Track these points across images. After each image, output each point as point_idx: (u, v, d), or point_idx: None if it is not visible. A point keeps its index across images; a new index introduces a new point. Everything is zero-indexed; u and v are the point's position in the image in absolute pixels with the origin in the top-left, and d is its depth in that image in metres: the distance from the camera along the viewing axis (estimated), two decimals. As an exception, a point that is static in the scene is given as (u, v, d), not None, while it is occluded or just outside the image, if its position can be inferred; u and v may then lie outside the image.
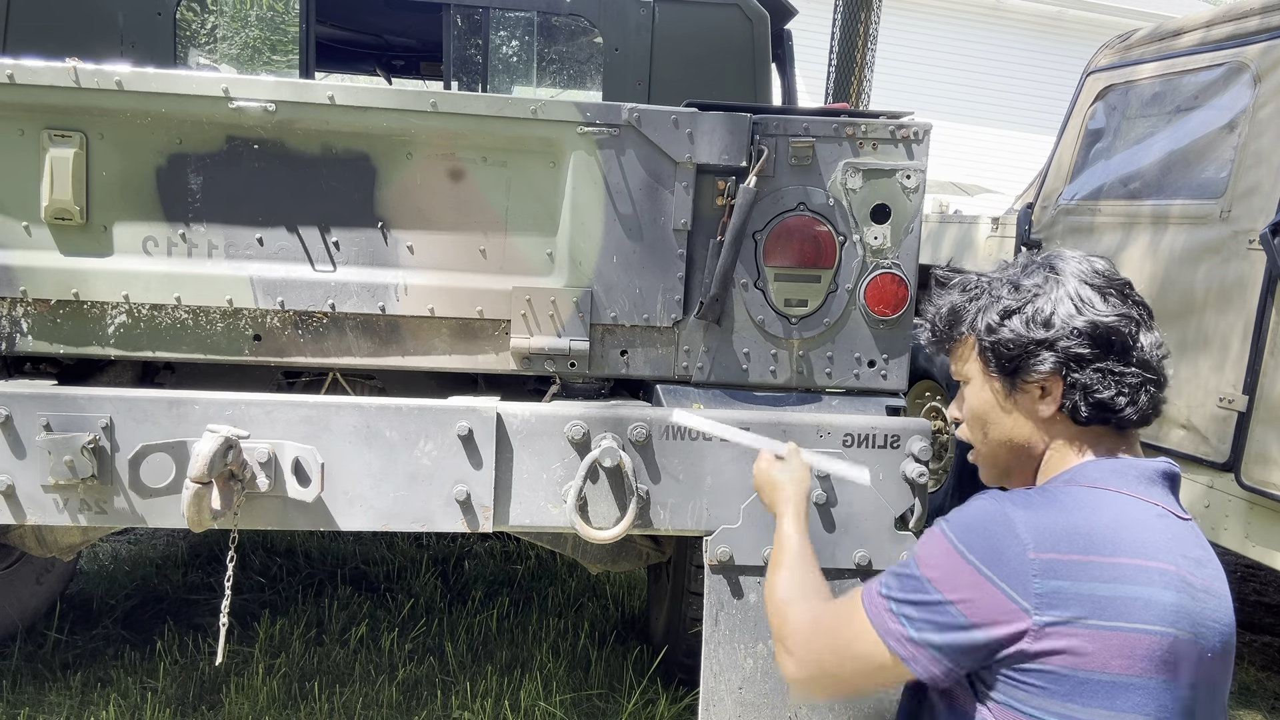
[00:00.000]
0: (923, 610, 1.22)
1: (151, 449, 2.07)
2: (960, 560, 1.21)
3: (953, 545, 1.23)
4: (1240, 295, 3.20)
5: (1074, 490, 1.27)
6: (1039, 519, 1.20)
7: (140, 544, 4.36)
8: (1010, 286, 1.35)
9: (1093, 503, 1.24)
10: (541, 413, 2.20)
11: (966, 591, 1.19)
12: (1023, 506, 1.22)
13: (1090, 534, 1.19)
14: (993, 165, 14.37)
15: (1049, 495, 1.26)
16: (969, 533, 1.23)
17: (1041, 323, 1.31)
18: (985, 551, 1.20)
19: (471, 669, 3.33)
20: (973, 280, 1.42)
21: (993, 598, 1.18)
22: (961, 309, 1.40)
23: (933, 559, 1.24)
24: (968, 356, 1.40)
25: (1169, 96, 3.79)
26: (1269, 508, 3.09)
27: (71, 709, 2.96)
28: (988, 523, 1.22)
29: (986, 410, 1.39)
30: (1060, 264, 1.36)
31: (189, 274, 2.23)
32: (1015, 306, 1.33)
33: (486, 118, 2.21)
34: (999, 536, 1.20)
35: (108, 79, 2.11)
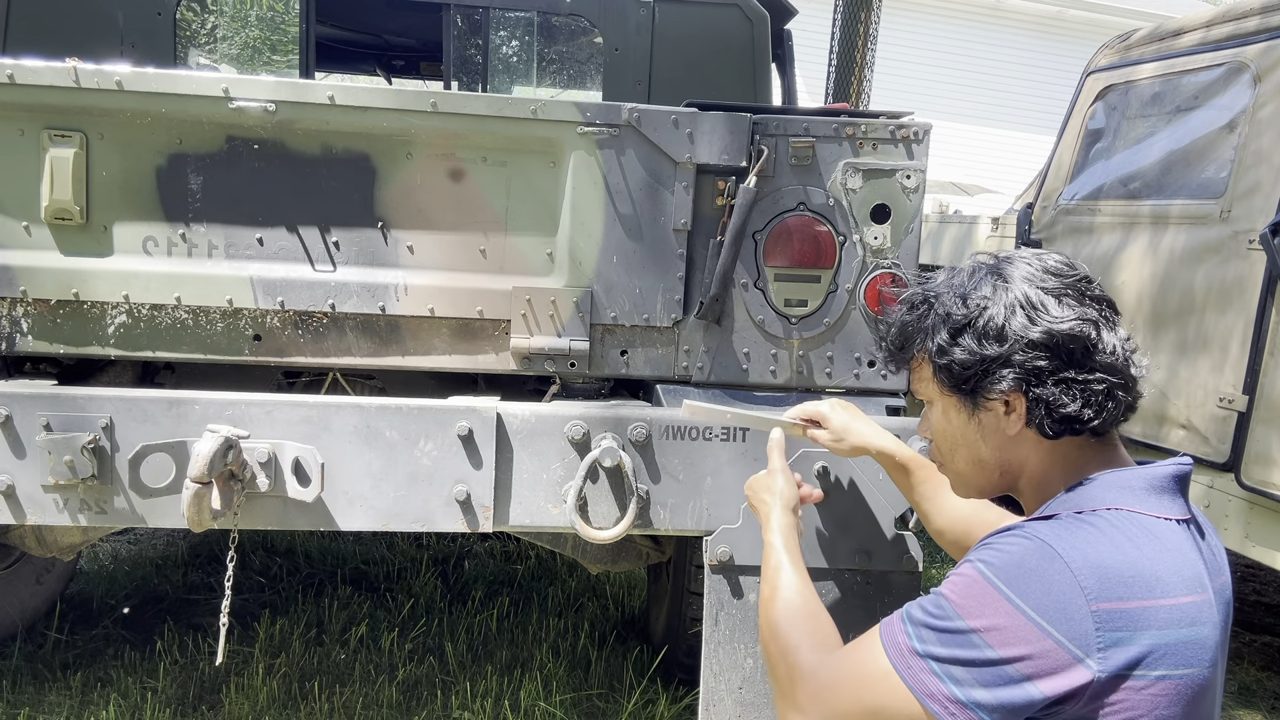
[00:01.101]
0: (973, 670, 1.10)
1: (151, 449, 2.07)
2: (1014, 611, 1.10)
3: (1002, 594, 1.11)
4: (1240, 295, 3.20)
5: (1107, 518, 1.17)
6: (1092, 561, 1.11)
7: (140, 544, 4.36)
8: (958, 300, 1.28)
9: (1130, 534, 1.15)
10: (541, 413, 2.20)
11: (1023, 647, 1.08)
12: (1070, 546, 1.12)
13: (1142, 575, 1.12)
14: (993, 165, 14.37)
15: (1085, 527, 1.16)
16: (1021, 580, 1.11)
17: (994, 337, 1.24)
18: (1043, 603, 1.09)
19: (471, 669, 3.33)
20: (919, 296, 1.34)
21: (1053, 653, 1.08)
22: (911, 329, 1.33)
23: (980, 609, 1.11)
24: (926, 376, 1.34)
25: (1169, 96, 3.79)
26: (1269, 508, 3.09)
27: (71, 709, 2.96)
28: (1042, 570, 1.11)
29: (952, 432, 1.33)
30: (1008, 268, 1.28)
31: (189, 274, 2.23)
32: (964, 322, 1.26)
33: (486, 118, 2.21)
34: (1056, 586, 1.09)
35: (108, 79, 2.11)
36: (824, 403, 1.90)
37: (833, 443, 1.90)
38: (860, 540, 2.23)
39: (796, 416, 1.94)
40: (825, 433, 1.90)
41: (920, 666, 1.13)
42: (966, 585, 1.14)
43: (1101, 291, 1.29)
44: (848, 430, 1.87)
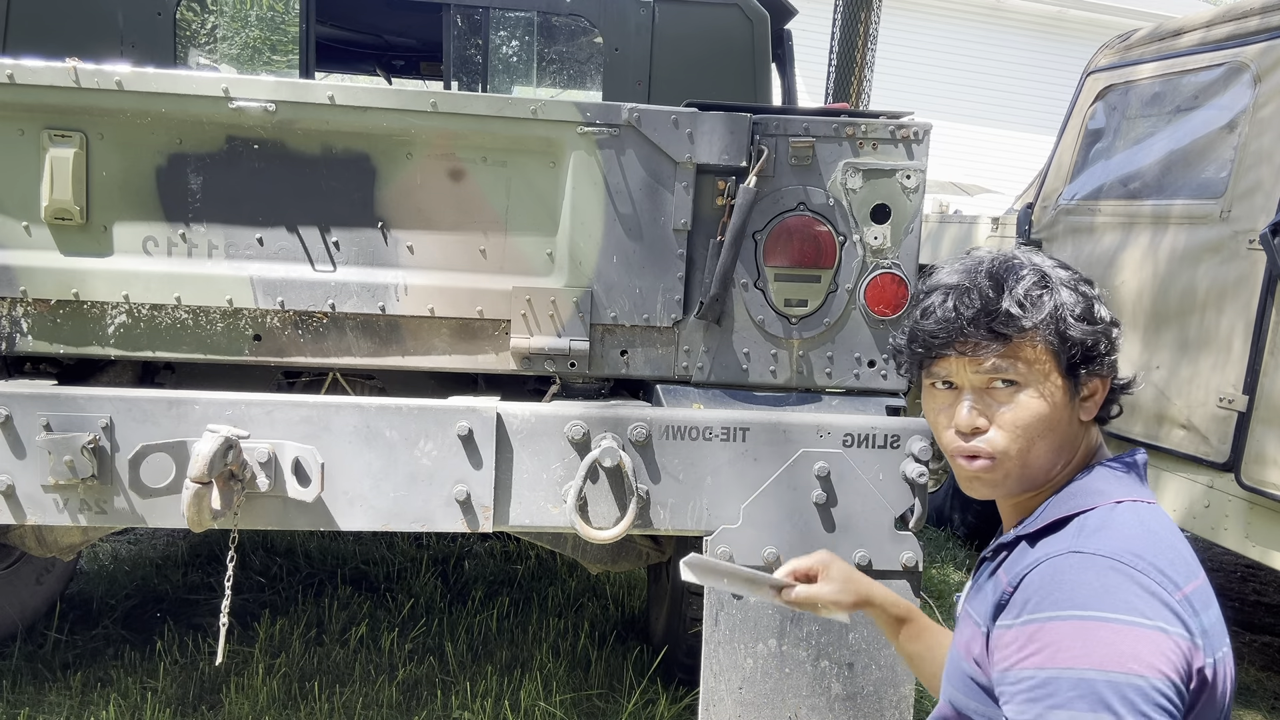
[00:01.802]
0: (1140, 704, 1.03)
1: (151, 449, 2.07)
2: (1126, 628, 1.06)
3: (1104, 620, 1.07)
4: (1240, 295, 3.20)
5: (1123, 513, 1.19)
6: (1146, 558, 1.11)
7: (140, 544, 4.36)
8: (1075, 281, 1.26)
9: (1150, 525, 1.17)
10: (541, 413, 2.20)
11: (1153, 654, 1.05)
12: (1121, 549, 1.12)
13: (1181, 559, 1.14)
14: (993, 165, 14.37)
15: (1118, 528, 1.16)
16: (1108, 598, 1.08)
17: (1111, 321, 1.26)
18: (1143, 606, 1.08)
19: (471, 669, 3.33)
20: (1013, 268, 1.26)
21: (1180, 644, 1.07)
22: (1032, 298, 1.23)
23: (1092, 645, 1.06)
24: (1034, 351, 1.23)
25: (1169, 96, 3.79)
26: (1269, 508, 3.09)
27: (71, 709, 2.96)
28: (1119, 581, 1.09)
29: (1050, 416, 1.24)
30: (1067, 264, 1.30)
31: (189, 274, 2.23)
32: (1091, 299, 1.25)
33: (486, 118, 2.21)
34: (1142, 585, 1.09)
35: (108, 79, 2.11)
36: (819, 553, 1.66)
37: (836, 592, 1.61)
38: (860, 540, 2.23)
39: (793, 571, 1.63)
40: (827, 586, 1.60)
41: None
42: (1074, 636, 1.08)
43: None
44: (850, 579, 1.63)
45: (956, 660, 1.31)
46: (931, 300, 1.28)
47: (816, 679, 2.26)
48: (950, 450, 1.31)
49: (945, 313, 1.25)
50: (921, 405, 1.38)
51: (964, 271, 1.28)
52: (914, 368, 1.34)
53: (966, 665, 1.27)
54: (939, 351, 1.27)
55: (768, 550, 2.20)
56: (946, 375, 1.28)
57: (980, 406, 1.26)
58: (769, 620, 2.25)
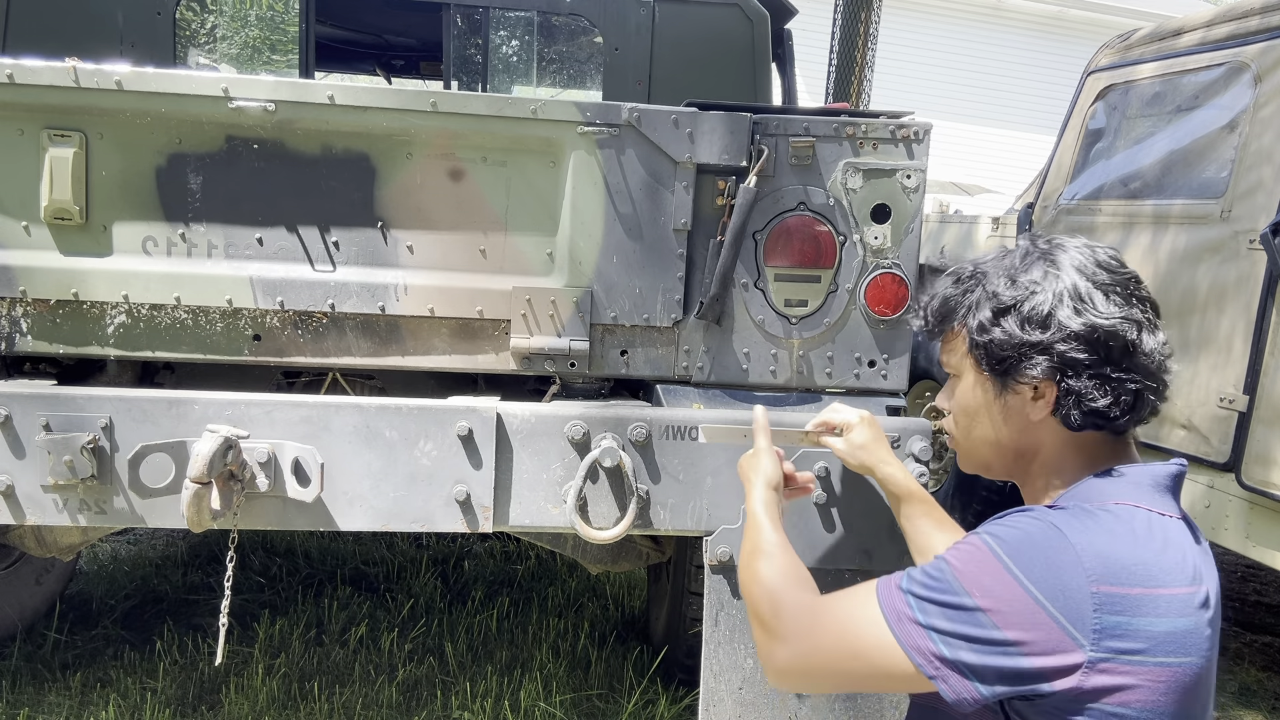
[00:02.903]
0: (976, 648, 1.12)
1: (151, 449, 2.06)
2: (1017, 588, 1.12)
3: (1006, 567, 1.13)
4: (1241, 295, 3.20)
5: (1115, 512, 1.19)
6: (1097, 547, 1.13)
7: (140, 544, 4.36)
8: (1006, 280, 1.28)
9: (1135, 526, 1.17)
10: (541, 413, 2.19)
11: (1022, 623, 1.11)
12: (1078, 531, 1.14)
13: (1144, 564, 1.13)
14: (993, 165, 14.37)
15: (1095, 518, 1.18)
16: (1026, 556, 1.13)
17: (1038, 323, 1.23)
18: (1046, 581, 1.11)
19: (471, 669, 3.33)
20: (967, 270, 1.35)
21: (1049, 629, 1.10)
22: (954, 302, 1.34)
23: (984, 584, 1.13)
24: (959, 349, 1.36)
25: (1169, 96, 3.79)
26: (1269, 508, 3.09)
27: (71, 709, 2.96)
28: (1048, 548, 1.13)
29: (975, 408, 1.35)
30: (1060, 255, 1.27)
31: (189, 274, 2.23)
32: (1010, 304, 1.26)
33: (486, 117, 2.21)
34: (1061, 565, 1.12)
35: (107, 79, 2.11)
36: (855, 412, 1.90)
37: (845, 452, 1.90)
38: (861, 540, 2.23)
39: (822, 422, 1.95)
40: (841, 441, 1.90)
41: (918, 632, 1.16)
42: (971, 555, 1.17)
43: (1147, 292, 1.28)
44: (865, 448, 1.87)
45: None
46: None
47: (817, 679, 2.25)
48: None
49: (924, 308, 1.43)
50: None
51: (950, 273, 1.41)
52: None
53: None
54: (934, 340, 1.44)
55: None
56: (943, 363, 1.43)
57: (947, 391, 1.43)
58: (769, 620, 2.24)
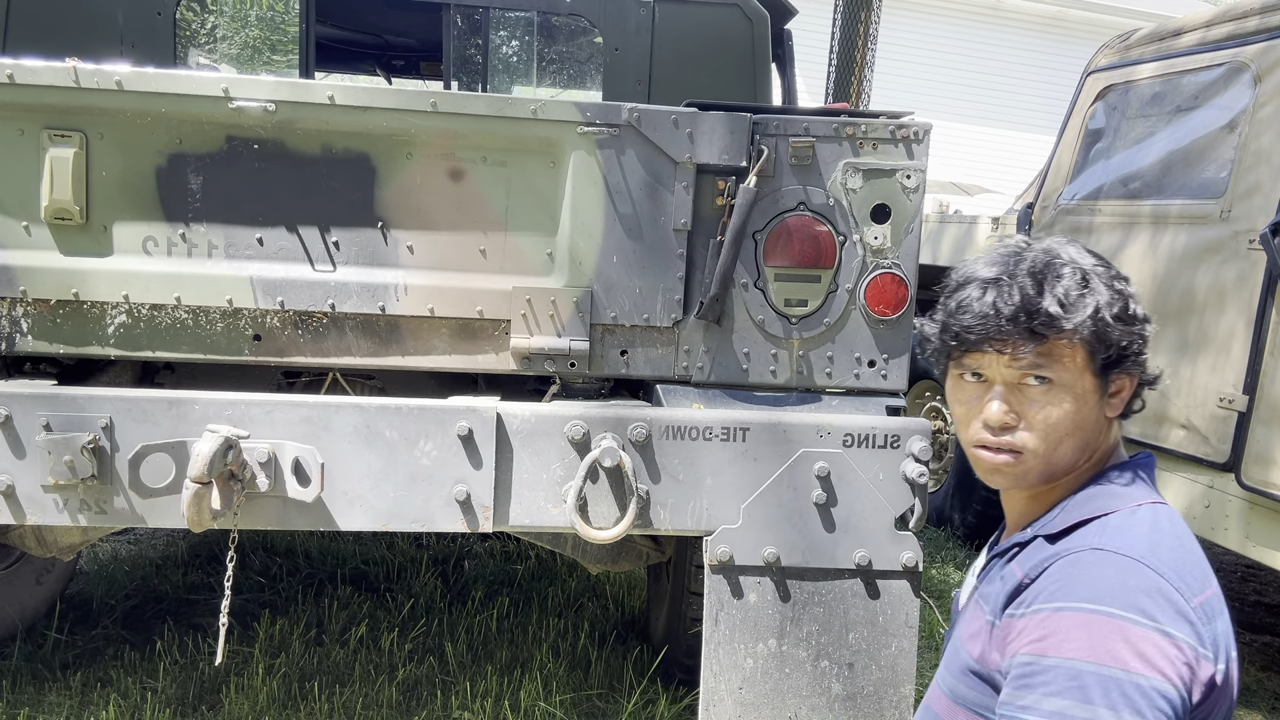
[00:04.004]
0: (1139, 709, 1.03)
1: (151, 449, 2.06)
2: (1143, 630, 1.06)
3: (1120, 619, 1.07)
4: (1240, 295, 3.20)
5: (1144, 515, 1.19)
6: (1167, 562, 1.11)
7: (140, 544, 4.36)
8: (1112, 279, 1.23)
9: (1171, 529, 1.17)
10: (541, 413, 2.19)
11: (1163, 660, 1.05)
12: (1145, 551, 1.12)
13: (1198, 566, 1.14)
14: (993, 165, 14.37)
15: (1139, 529, 1.16)
16: (1125, 597, 1.08)
17: (1142, 319, 1.23)
18: (1159, 611, 1.07)
19: (471, 669, 3.33)
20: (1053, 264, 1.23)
21: (1190, 655, 1.06)
22: (1073, 296, 1.21)
23: (1108, 644, 1.06)
24: (1071, 351, 1.21)
25: (1169, 96, 3.79)
26: (1269, 508, 3.09)
27: (71, 709, 2.96)
28: (1138, 582, 1.09)
29: (1079, 415, 1.22)
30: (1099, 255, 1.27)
31: (189, 274, 2.23)
32: (1128, 295, 1.23)
33: (486, 118, 2.21)
34: (1160, 592, 1.08)
35: (107, 79, 2.11)
36: None
37: None
38: (860, 540, 2.23)
39: None
40: None
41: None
42: (1079, 629, 1.08)
43: None
44: None
45: (957, 649, 1.31)
46: (968, 293, 1.25)
47: (816, 679, 2.26)
48: (974, 442, 1.28)
49: (983, 308, 1.22)
50: (947, 394, 1.36)
51: (1001, 264, 1.25)
52: (942, 357, 1.31)
53: (967, 655, 1.27)
54: (973, 346, 1.24)
55: (767, 550, 2.20)
56: (978, 368, 1.26)
57: (1011, 402, 1.24)
58: (769, 620, 2.25)
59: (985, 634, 1.25)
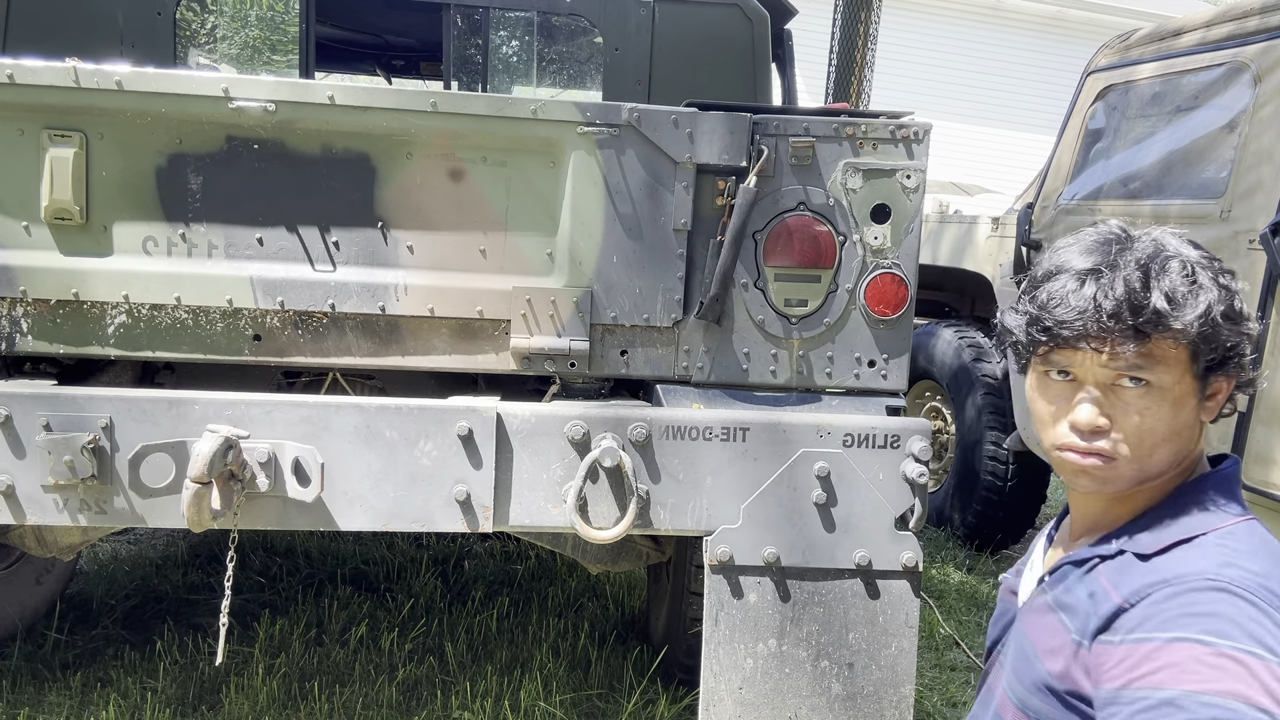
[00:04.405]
0: None
1: (151, 449, 2.06)
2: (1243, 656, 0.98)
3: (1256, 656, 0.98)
4: (1240, 295, 3.19)
5: (1243, 533, 1.12)
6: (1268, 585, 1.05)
7: (140, 544, 4.36)
8: (1218, 273, 1.14)
9: (1274, 548, 1.11)
10: (541, 413, 2.19)
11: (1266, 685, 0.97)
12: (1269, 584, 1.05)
13: None
14: (993, 165, 14.37)
15: (1258, 552, 1.09)
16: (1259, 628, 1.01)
17: (1248, 317, 1.15)
18: (1260, 635, 1.00)
19: (471, 669, 3.33)
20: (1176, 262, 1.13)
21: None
22: (1183, 295, 1.12)
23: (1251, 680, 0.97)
24: (1174, 352, 1.12)
25: (1169, 96, 3.79)
26: (1269, 507, 3.09)
27: (71, 709, 2.96)
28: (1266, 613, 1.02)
29: (1177, 420, 1.14)
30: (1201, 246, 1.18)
31: (189, 274, 2.23)
32: (1235, 294, 1.14)
33: (486, 118, 2.21)
34: (1255, 620, 1.01)
35: (107, 79, 2.11)
36: None
37: None
38: (860, 540, 2.23)
39: None
40: None
41: None
42: (1197, 661, 0.99)
43: None
44: None
45: (1030, 659, 1.22)
46: (1062, 285, 1.14)
47: (816, 679, 2.26)
48: (1058, 444, 1.19)
49: (1081, 302, 1.11)
50: (1026, 390, 1.25)
51: (1100, 253, 1.15)
52: (1026, 352, 1.20)
53: (1045, 671, 1.19)
54: (1066, 343, 1.14)
55: (767, 550, 2.20)
56: (1067, 365, 1.16)
57: (1104, 404, 1.14)
58: (769, 620, 2.25)
59: (1069, 652, 1.16)
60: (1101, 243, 1.16)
